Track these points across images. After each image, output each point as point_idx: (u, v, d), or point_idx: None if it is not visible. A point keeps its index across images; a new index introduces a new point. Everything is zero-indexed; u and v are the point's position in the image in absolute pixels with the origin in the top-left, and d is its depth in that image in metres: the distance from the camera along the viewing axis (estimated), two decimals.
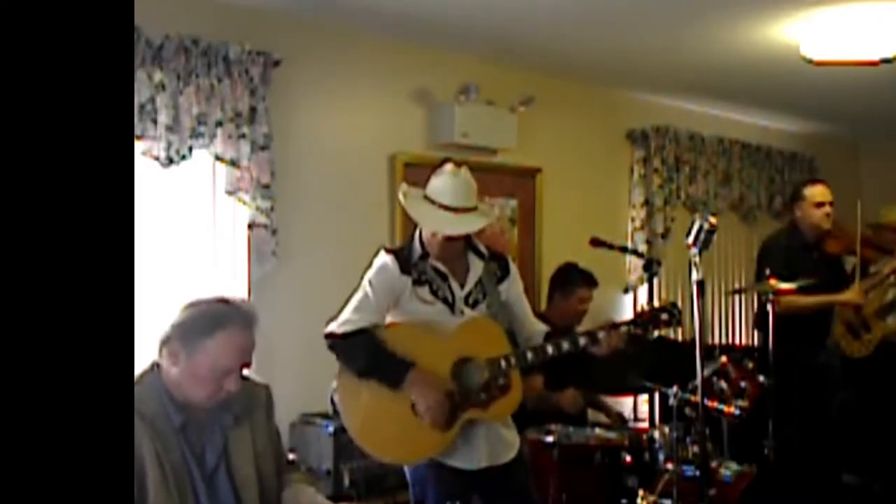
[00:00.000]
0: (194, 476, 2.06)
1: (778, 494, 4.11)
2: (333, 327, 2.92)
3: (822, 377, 4.73)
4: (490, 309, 3.03)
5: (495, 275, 3.07)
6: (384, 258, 2.96)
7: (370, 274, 2.95)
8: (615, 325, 3.04)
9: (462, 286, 2.99)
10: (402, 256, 2.95)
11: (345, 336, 2.88)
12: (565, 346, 2.96)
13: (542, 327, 3.21)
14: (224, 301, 2.13)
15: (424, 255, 2.95)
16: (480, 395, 2.92)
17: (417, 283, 2.93)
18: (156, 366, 2.08)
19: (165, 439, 2.01)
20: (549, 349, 2.96)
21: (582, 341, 2.98)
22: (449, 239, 2.92)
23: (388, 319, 3.00)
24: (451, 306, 2.97)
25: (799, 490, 4.52)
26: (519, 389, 2.98)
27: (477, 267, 3.04)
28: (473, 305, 3.00)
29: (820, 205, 4.72)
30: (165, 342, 2.05)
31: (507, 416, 3.03)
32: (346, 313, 2.92)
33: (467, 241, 3.02)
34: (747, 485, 3.82)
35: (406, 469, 3.06)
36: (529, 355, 2.95)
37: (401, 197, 2.99)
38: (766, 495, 3.93)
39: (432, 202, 2.93)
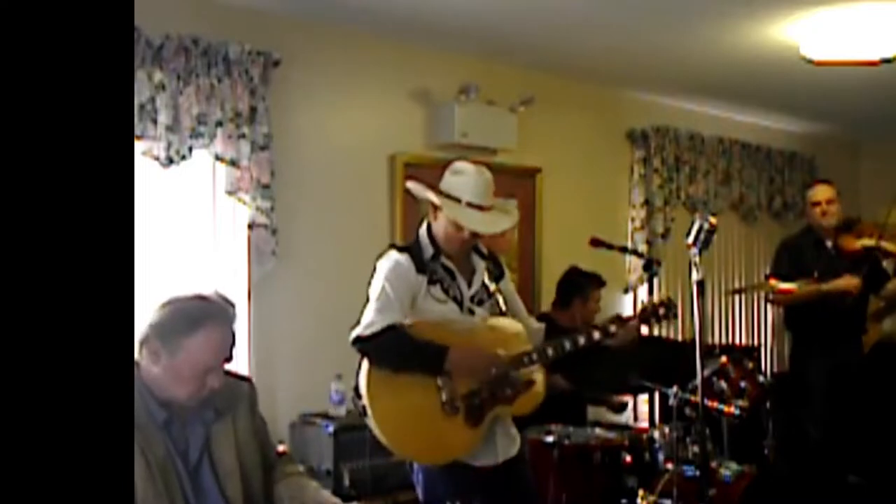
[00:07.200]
0: (179, 471, 2.07)
1: (778, 495, 4.11)
2: (360, 331, 2.85)
3: (844, 374, 4.76)
4: (493, 307, 3.07)
5: (493, 273, 3.11)
6: (397, 257, 2.92)
7: (385, 273, 2.90)
8: (622, 320, 3.13)
9: (469, 285, 3.03)
10: (416, 255, 2.93)
11: (374, 336, 2.83)
12: (581, 340, 3.03)
13: (538, 323, 3.29)
14: (202, 298, 2.12)
15: (436, 254, 2.96)
16: (507, 391, 2.96)
17: (431, 282, 2.94)
18: (136, 364, 2.08)
19: (150, 436, 2.02)
20: (567, 344, 3.01)
21: (596, 335, 3.06)
22: (474, 236, 2.95)
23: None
24: (461, 305, 2.99)
25: (802, 491, 4.53)
26: (541, 384, 3.04)
27: (480, 266, 3.07)
28: (479, 304, 3.04)
29: (815, 204, 4.81)
30: (144, 342, 2.05)
31: (532, 410, 3.06)
32: (370, 316, 2.86)
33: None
34: (747, 485, 3.82)
35: (416, 467, 3.04)
36: (550, 351, 3.00)
37: (431, 196, 2.95)
38: (766, 495, 3.93)
39: (457, 200, 2.91)
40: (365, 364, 2.85)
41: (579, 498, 3.65)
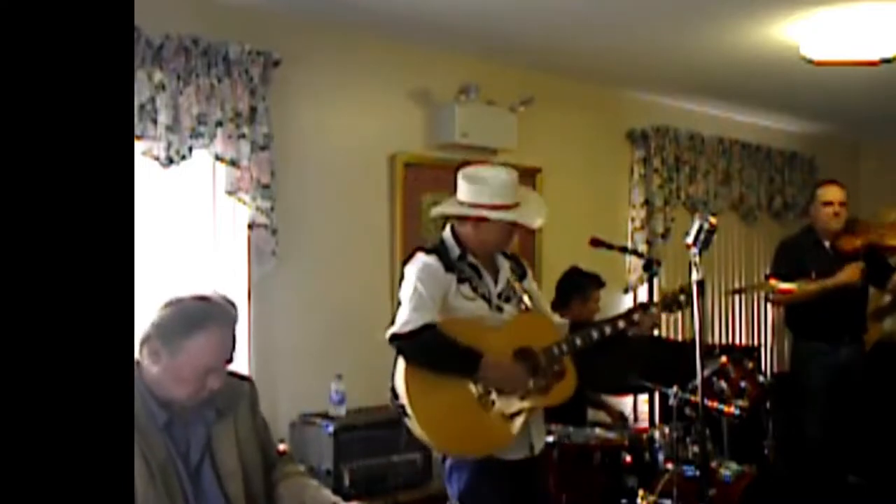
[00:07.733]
0: (180, 472, 2.06)
1: (778, 494, 4.12)
2: (396, 329, 2.89)
3: (845, 374, 4.77)
4: (518, 305, 3.12)
5: (516, 272, 3.18)
6: (425, 259, 2.96)
7: (416, 274, 2.94)
8: (645, 307, 3.18)
9: (496, 282, 3.09)
10: (443, 256, 2.99)
11: (411, 334, 2.86)
12: (608, 329, 3.09)
13: (563, 319, 3.37)
14: (204, 299, 2.11)
15: (462, 254, 3.02)
16: (541, 382, 3.00)
17: (459, 280, 3.00)
18: (136, 364, 2.08)
19: (150, 437, 2.01)
20: (595, 334, 3.06)
21: (621, 324, 3.11)
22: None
23: None
24: (489, 302, 3.04)
25: (802, 491, 4.54)
26: (573, 374, 3.09)
27: (504, 265, 3.14)
28: (507, 301, 3.09)
29: (827, 204, 4.81)
30: (146, 341, 2.05)
31: (564, 399, 3.11)
32: (405, 314, 2.89)
33: None
34: (747, 485, 3.82)
35: (449, 463, 3.05)
36: (578, 341, 3.05)
37: (473, 212, 3.00)
38: (766, 495, 3.93)
39: (499, 207, 2.97)
40: (401, 364, 2.89)
41: (579, 498, 3.66)
